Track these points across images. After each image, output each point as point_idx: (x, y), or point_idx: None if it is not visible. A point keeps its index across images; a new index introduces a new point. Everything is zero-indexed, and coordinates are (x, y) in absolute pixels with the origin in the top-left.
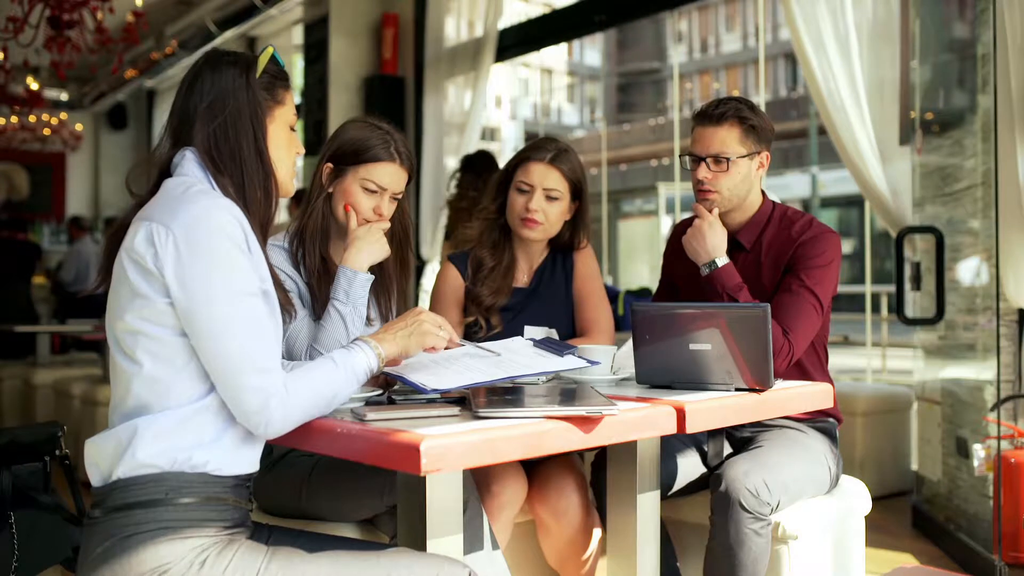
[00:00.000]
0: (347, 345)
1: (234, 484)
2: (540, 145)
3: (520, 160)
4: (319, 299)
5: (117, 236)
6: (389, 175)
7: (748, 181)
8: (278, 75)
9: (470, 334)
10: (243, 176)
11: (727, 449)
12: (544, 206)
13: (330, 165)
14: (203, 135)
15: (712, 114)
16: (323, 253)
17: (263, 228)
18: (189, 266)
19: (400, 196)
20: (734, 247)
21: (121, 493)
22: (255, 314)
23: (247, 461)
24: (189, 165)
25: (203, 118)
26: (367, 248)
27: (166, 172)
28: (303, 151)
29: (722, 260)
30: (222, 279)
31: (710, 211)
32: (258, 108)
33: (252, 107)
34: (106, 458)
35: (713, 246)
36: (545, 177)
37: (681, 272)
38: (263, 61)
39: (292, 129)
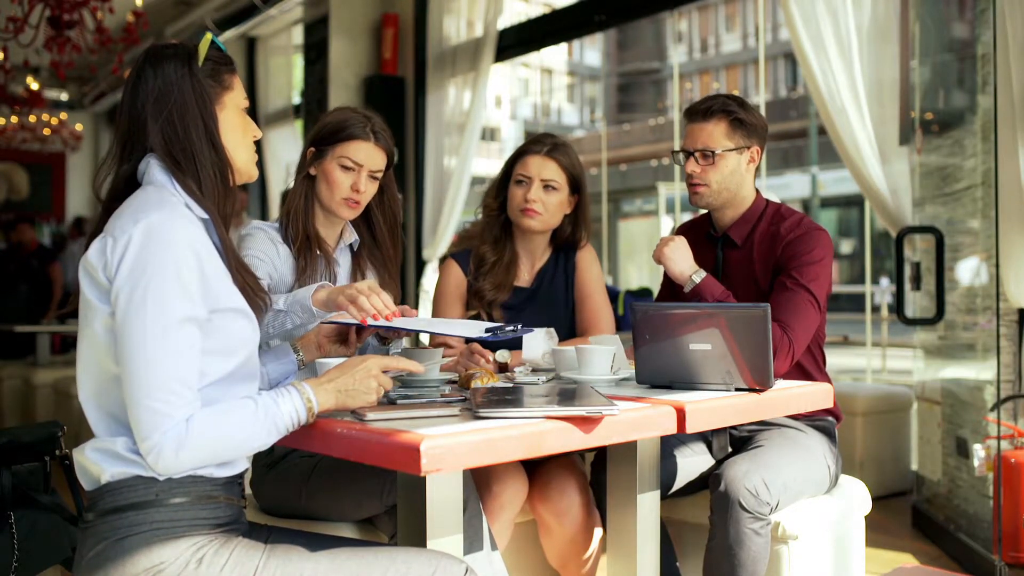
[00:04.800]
0: (278, 389)
1: (225, 482)
2: (537, 139)
3: (518, 155)
4: (304, 272)
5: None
6: (365, 152)
7: (738, 175)
8: (221, 60)
9: None
10: (199, 169)
11: (729, 447)
12: (542, 196)
13: (312, 149)
14: (157, 135)
15: (699, 110)
16: (307, 230)
17: (226, 220)
18: (127, 280)
19: (379, 176)
20: (726, 244)
21: (112, 496)
22: (176, 341)
23: (235, 463)
24: (154, 172)
25: (152, 116)
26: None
27: (132, 180)
28: (260, 134)
29: (699, 275)
30: (150, 299)
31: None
32: (204, 96)
33: (199, 96)
34: (93, 464)
35: (685, 266)
36: (542, 168)
37: None
38: (203, 48)
39: (245, 112)
